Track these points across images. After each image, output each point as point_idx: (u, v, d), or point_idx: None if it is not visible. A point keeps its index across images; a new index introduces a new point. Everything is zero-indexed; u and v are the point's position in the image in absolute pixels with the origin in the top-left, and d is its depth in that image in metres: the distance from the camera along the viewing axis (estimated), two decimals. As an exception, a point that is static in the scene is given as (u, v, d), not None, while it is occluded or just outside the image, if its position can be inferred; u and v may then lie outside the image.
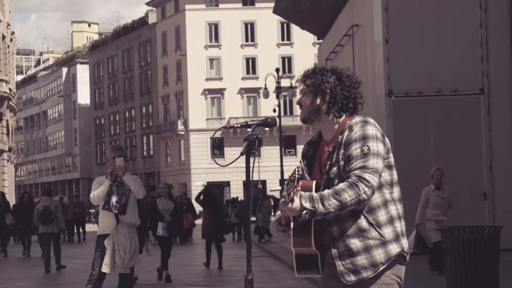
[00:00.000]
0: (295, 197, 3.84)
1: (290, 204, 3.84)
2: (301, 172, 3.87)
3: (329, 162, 4.09)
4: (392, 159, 4.13)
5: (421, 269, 13.18)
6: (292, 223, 4.04)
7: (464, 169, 16.69)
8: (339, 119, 4.18)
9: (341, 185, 3.93)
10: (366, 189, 3.91)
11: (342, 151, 4.06)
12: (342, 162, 4.04)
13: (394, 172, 4.16)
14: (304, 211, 3.86)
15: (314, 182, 4.10)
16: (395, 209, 4.10)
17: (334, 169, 4.06)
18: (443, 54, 16.95)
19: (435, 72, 16.89)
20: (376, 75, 17.87)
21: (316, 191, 4.00)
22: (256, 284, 4.32)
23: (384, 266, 4.02)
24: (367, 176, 3.93)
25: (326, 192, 3.92)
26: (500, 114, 16.86)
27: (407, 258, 4.12)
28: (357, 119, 4.12)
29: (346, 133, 4.08)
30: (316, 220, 3.96)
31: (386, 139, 4.13)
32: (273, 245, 24.72)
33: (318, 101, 4.18)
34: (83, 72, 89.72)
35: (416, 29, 17.08)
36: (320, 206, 3.87)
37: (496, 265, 9.30)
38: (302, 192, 3.88)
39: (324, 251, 4.08)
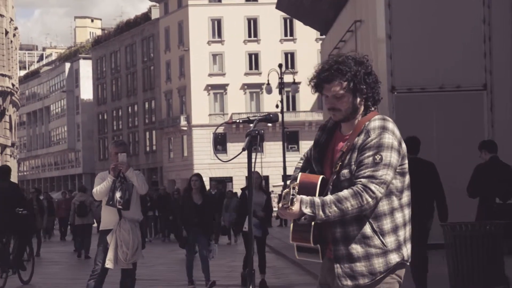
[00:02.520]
0: (295, 201, 3.81)
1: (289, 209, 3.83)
2: (296, 191, 3.80)
3: (340, 163, 4.02)
4: (406, 165, 4.05)
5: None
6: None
7: (466, 165, 16.65)
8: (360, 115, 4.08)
9: (345, 193, 3.88)
10: (369, 199, 3.87)
11: (355, 155, 3.98)
12: (354, 167, 3.97)
13: (407, 178, 4.08)
14: (304, 217, 3.86)
15: (321, 178, 4.04)
16: (401, 216, 4.05)
17: (346, 171, 3.99)
18: (446, 50, 16.93)
19: (438, 68, 16.87)
20: (379, 71, 17.85)
21: (322, 186, 3.98)
22: (257, 280, 4.33)
23: (381, 275, 4.00)
24: (373, 186, 3.88)
25: (329, 198, 3.88)
26: (503, 110, 16.84)
27: (407, 264, 4.09)
28: (376, 123, 4.00)
29: (362, 136, 3.98)
30: None
31: (403, 144, 4.04)
32: (276, 241, 24.73)
33: (358, 100, 4.06)
34: (86, 68, 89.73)
35: (419, 25, 17.05)
36: (321, 212, 3.85)
37: (499, 261, 9.29)
38: (304, 197, 3.86)
39: (326, 244, 4.06)
